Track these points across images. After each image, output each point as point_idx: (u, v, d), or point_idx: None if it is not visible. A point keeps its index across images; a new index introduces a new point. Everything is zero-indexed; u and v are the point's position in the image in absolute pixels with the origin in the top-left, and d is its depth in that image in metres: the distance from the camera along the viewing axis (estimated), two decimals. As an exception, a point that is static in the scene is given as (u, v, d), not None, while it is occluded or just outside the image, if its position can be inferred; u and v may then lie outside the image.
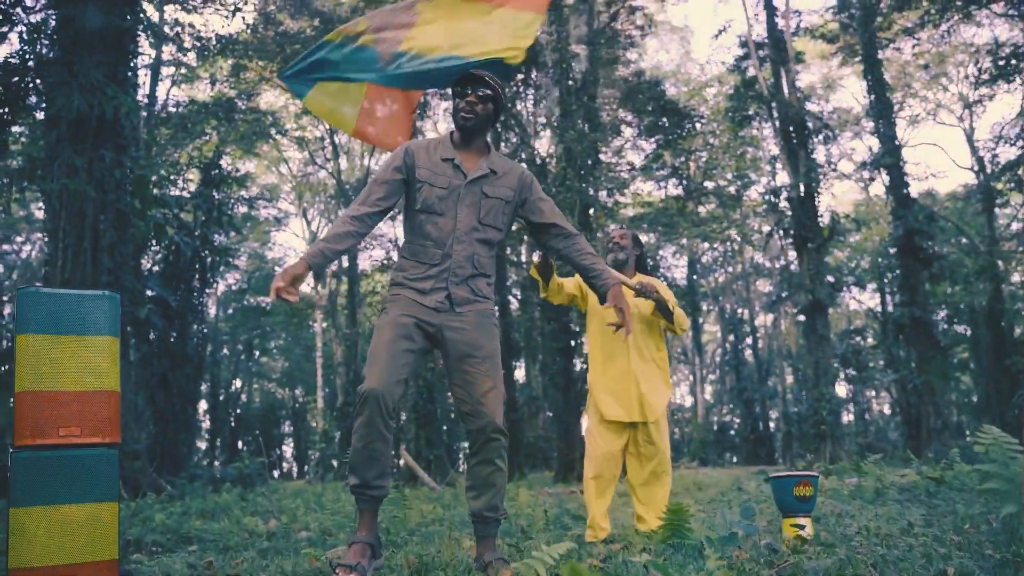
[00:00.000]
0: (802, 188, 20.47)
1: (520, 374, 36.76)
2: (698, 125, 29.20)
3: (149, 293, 18.05)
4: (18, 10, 11.09)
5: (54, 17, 10.88)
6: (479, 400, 3.19)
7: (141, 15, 11.52)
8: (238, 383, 44.44)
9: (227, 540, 5.53)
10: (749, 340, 43.26)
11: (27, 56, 10.85)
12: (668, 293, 4.72)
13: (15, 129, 13.24)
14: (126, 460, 10.49)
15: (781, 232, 21.71)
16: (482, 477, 3.24)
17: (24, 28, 10.93)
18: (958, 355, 36.61)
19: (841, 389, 42.50)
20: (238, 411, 43.52)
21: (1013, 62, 23.82)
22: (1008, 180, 26.16)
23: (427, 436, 17.59)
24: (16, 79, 10.72)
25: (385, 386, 3.04)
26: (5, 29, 10.78)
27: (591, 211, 21.98)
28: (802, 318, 21.02)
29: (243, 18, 20.88)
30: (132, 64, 11.49)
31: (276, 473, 47.78)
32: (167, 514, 7.13)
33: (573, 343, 22.35)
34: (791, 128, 20.98)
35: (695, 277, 40.22)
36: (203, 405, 34.04)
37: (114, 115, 10.67)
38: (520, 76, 25.87)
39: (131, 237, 11.44)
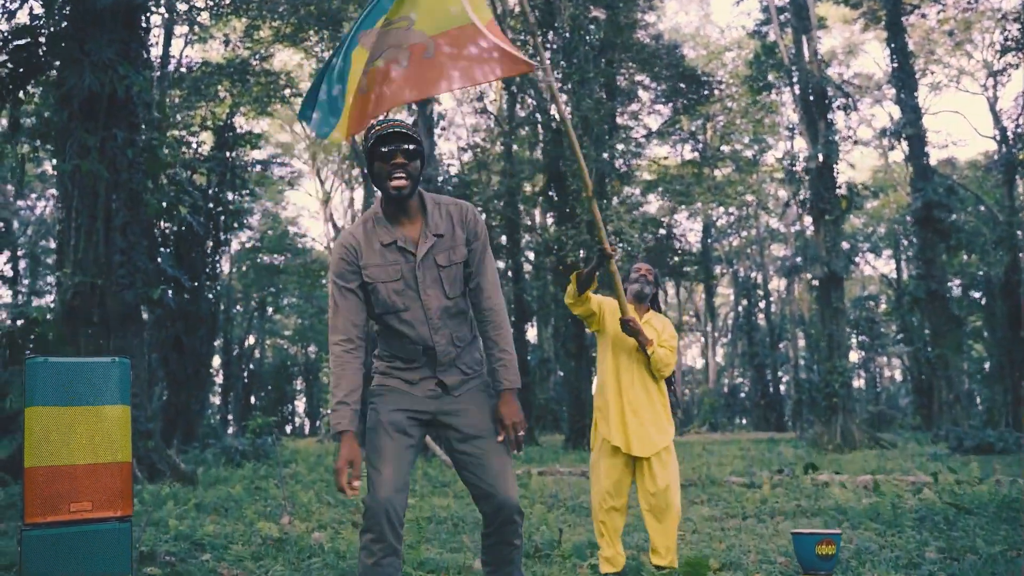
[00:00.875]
0: (820, 158, 20.17)
1: (532, 334, 36.87)
2: (716, 92, 28.77)
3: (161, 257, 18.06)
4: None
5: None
6: (492, 483, 2.99)
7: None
8: (251, 339, 44.74)
9: (240, 551, 5.55)
10: (762, 304, 43.16)
11: (39, 31, 10.69)
12: (670, 333, 4.67)
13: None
14: (140, 440, 10.53)
15: (798, 201, 21.48)
16: (500, 556, 3.08)
17: (34, 3, 10.76)
18: (971, 324, 36.43)
19: (853, 355, 42.50)
20: (251, 367, 43.87)
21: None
22: (1031, 151, 25.77)
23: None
24: (26, 55, 10.59)
25: (392, 497, 2.86)
26: (15, 5, 10.61)
27: (607, 178, 21.76)
28: (816, 283, 20.86)
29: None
30: (144, 41, 11.34)
31: (288, 428, 48.31)
32: (180, 513, 7.16)
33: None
34: (811, 97, 20.63)
35: (709, 241, 40.04)
36: (216, 361, 34.24)
37: (126, 94, 10.55)
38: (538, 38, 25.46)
39: (143, 216, 11.38)
